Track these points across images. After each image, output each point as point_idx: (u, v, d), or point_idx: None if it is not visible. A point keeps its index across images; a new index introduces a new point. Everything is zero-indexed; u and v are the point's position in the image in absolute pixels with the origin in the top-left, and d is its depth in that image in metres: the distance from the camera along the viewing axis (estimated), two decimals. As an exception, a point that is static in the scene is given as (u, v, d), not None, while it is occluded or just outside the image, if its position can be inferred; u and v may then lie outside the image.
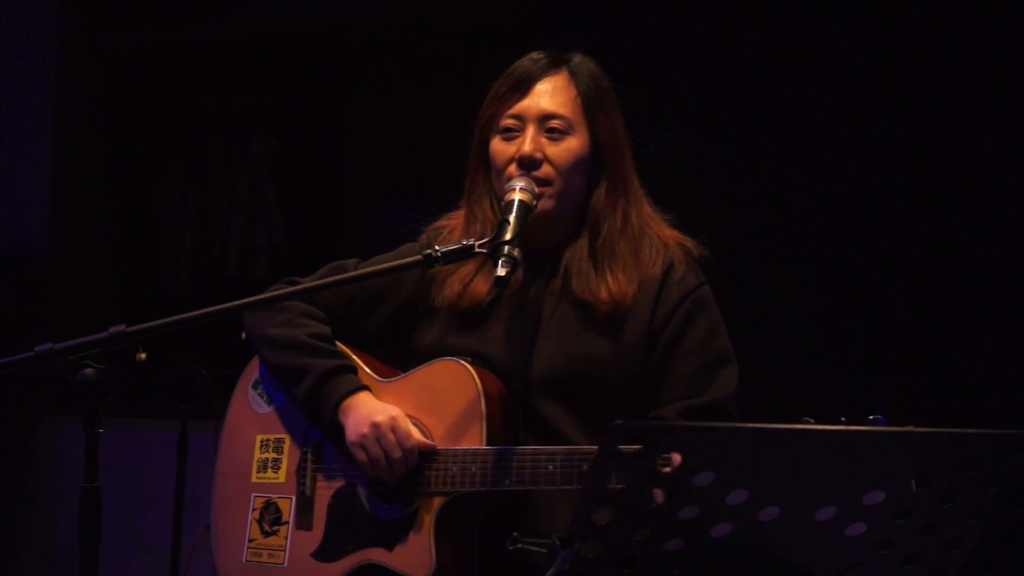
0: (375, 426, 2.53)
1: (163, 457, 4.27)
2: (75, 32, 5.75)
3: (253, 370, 2.83)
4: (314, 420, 2.67)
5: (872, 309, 4.17)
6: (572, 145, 2.59)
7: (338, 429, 2.62)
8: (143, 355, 2.56)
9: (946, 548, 1.98)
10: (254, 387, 2.83)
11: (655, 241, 2.65)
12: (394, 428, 2.53)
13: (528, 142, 2.57)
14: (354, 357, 2.72)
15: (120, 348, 2.27)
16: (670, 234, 2.68)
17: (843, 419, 2.19)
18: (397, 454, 2.52)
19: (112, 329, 2.26)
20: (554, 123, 2.59)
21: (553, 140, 2.59)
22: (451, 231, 2.72)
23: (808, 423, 2.19)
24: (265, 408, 2.80)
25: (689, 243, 2.68)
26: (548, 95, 2.61)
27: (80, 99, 5.79)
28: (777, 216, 4.26)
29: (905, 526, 1.94)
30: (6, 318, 5.46)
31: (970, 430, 1.89)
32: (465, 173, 2.73)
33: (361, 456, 2.55)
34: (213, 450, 2.87)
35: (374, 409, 2.58)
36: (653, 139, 2.71)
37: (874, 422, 2.18)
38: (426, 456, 2.55)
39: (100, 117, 5.86)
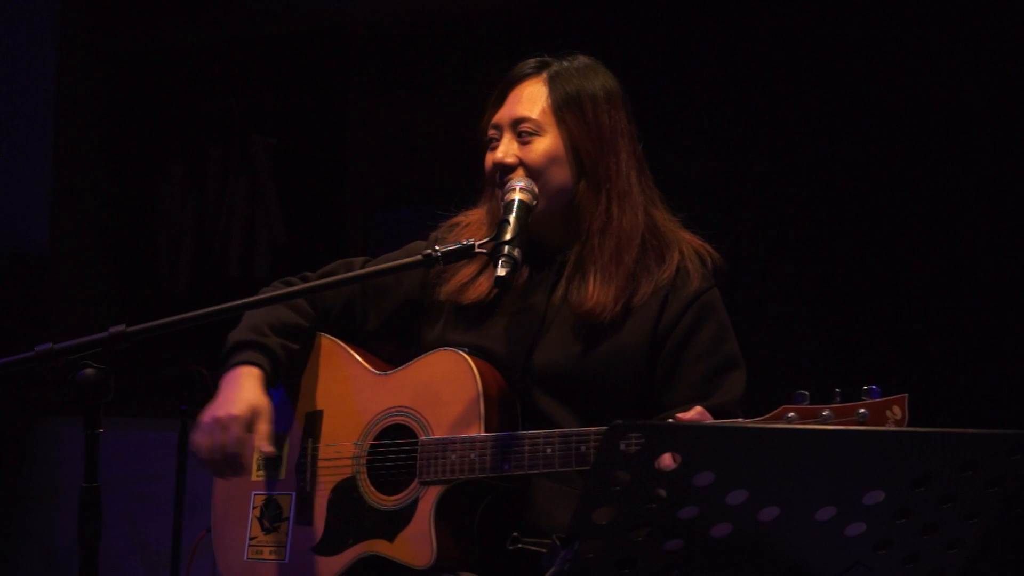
0: (216, 420, 2.56)
1: (163, 457, 4.27)
2: (75, 33, 5.75)
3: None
4: None
5: (872, 311, 4.17)
6: (541, 145, 2.62)
7: None
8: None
9: (946, 548, 1.98)
10: None
11: (669, 246, 2.65)
12: (227, 427, 2.55)
13: (500, 149, 2.64)
14: (352, 353, 2.74)
15: (120, 348, 2.28)
16: (686, 237, 2.69)
17: (837, 390, 2.21)
18: (219, 456, 2.55)
19: (112, 329, 2.26)
20: (523, 126, 2.64)
21: (524, 144, 2.63)
22: (466, 226, 2.75)
23: (804, 396, 2.20)
24: None
25: (704, 249, 2.68)
26: (519, 101, 2.66)
27: (80, 99, 5.79)
28: (784, 215, 4.26)
29: (905, 526, 1.94)
30: (6, 318, 5.46)
31: (970, 430, 1.89)
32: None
33: (197, 442, 2.59)
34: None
35: (233, 398, 2.59)
36: (654, 140, 2.72)
37: (868, 393, 2.19)
38: (271, 462, 2.65)
39: (100, 117, 5.85)
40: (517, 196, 2.53)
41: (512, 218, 2.48)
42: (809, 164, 4.24)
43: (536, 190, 2.57)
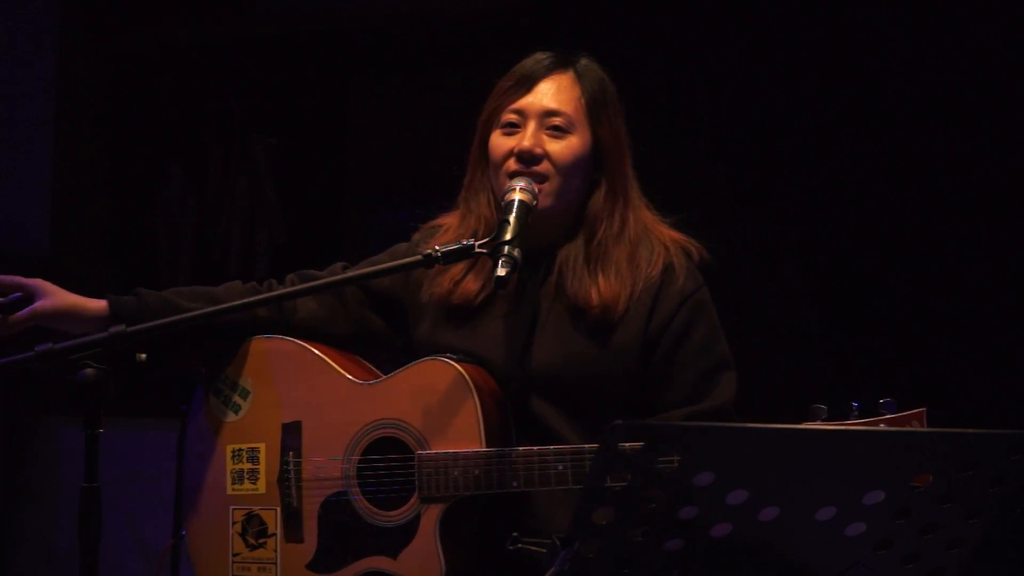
0: None
1: (163, 457, 4.26)
2: (75, 33, 5.75)
3: (212, 377, 2.81)
4: None
5: (871, 310, 4.17)
6: (573, 143, 2.59)
7: None
8: (143, 355, 2.58)
9: (946, 548, 1.98)
10: (216, 395, 2.78)
11: (655, 244, 2.64)
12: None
13: (528, 137, 2.57)
14: (327, 360, 2.69)
15: (120, 348, 2.28)
16: (671, 235, 2.67)
17: (855, 404, 2.21)
18: None
19: (112, 329, 2.26)
20: (556, 120, 2.58)
21: (554, 137, 2.58)
22: (446, 230, 2.72)
23: (822, 411, 2.20)
24: (232, 416, 2.75)
25: (691, 245, 2.67)
26: (552, 93, 2.60)
27: (80, 99, 5.78)
28: (779, 215, 4.26)
29: (905, 526, 1.94)
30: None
31: (970, 430, 1.89)
32: (465, 170, 2.74)
33: None
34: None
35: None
36: (655, 141, 2.71)
37: (885, 406, 2.19)
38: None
39: (100, 117, 5.85)
40: (517, 196, 2.51)
41: (512, 218, 2.46)
42: (817, 170, 4.24)
43: (536, 191, 2.56)
